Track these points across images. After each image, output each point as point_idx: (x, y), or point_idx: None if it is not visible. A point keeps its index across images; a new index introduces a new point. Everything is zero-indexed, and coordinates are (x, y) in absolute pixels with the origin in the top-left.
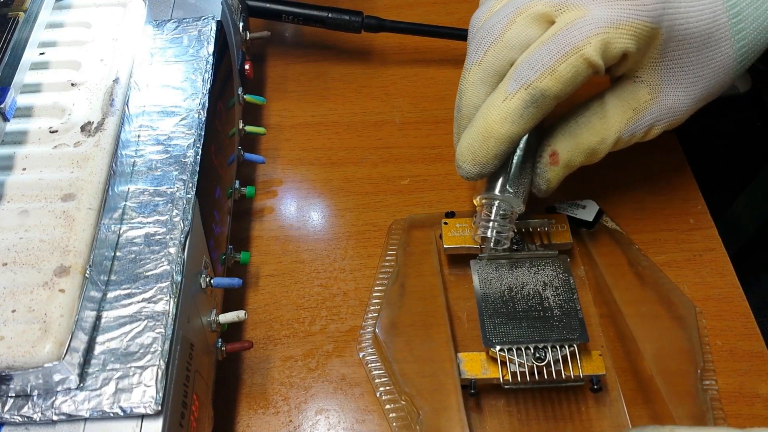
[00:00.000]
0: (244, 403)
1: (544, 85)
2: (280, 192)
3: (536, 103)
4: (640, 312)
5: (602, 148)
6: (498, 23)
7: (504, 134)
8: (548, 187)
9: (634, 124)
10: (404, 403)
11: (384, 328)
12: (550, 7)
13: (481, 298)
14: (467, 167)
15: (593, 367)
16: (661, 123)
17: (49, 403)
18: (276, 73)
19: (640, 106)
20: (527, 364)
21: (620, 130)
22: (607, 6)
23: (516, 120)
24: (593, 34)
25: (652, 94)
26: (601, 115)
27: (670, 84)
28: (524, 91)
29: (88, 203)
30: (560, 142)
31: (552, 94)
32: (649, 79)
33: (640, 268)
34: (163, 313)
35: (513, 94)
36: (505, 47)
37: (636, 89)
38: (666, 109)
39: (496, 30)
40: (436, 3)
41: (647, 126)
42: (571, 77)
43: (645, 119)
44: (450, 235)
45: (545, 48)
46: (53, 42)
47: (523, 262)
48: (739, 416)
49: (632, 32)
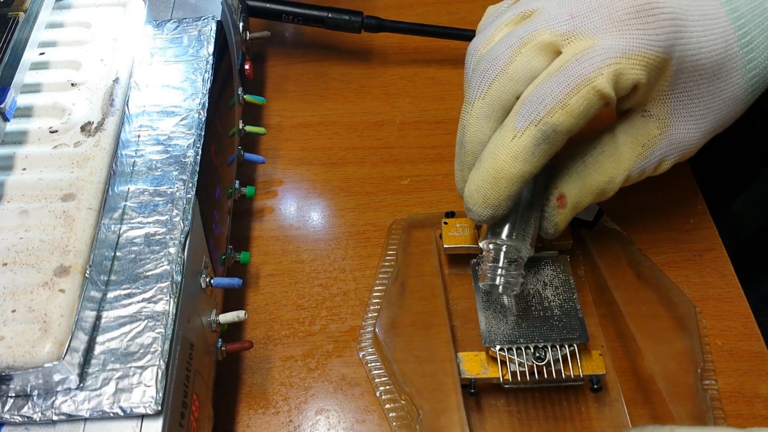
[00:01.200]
0: (244, 403)
1: (556, 120)
2: (280, 192)
3: (548, 139)
4: (641, 312)
5: (611, 188)
6: (501, 54)
7: (516, 174)
8: (556, 230)
9: (644, 160)
10: (404, 402)
11: (384, 328)
12: (557, 37)
13: (481, 298)
14: (479, 210)
15: (593, 367)
16: (671, 157)
17: (49, 403)
18: (276, 73)
19: (650, 141)
20: (527, 363)
21: (630, 168)
22: (618, 35)
23: (528, 159)
24: (605, 65)
25: (661, 128)
26: (609, 154)
27: (680, 117)
28: (534, 127)
29: (88, 203)
30: (567, 184)
31: (564, 129)
32: (658, 113)
33: (640, 268)
34: (163, 313)
35: (522, 131)
36: (510, 80)
37: (645, 124)
38: (676, 143)
39: (500, 61)
40: (436, 3)
41: (657, 161)
42: (584, 111)
43: (654, 155)
44: (450, 234)
45: (554, 80)
46: (53, 42)
47: None
48: (739, 416)
49: (644, 63)
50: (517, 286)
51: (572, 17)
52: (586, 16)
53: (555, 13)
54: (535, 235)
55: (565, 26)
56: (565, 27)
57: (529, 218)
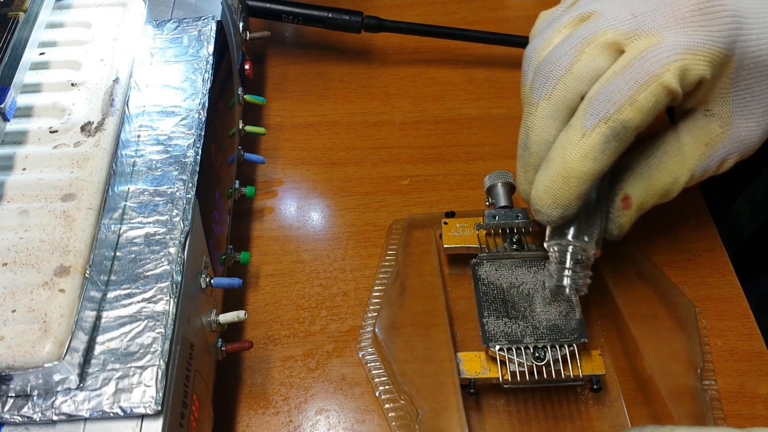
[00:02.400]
0: (244, 403)
1: (625, 117)
2: (280, 192)
3: (618, 136)
4: (640, 312)
5: (675, 188)
6: (565, 55)
7: (586, 173)
8: (621, 232)
9: (707, 159)
10: (403, 402)
11: (384, 328)
12: (621, 36)
13: (481, 298)
14: (548, 211)
15: (593, 367)
16: (733, 156)
17: (49, 403)
18: (276, 73)
19: (712, 140)
20: (527, 363)
21: (693, 168)
22: (682, 32)
23: (597, 156)
24: (671, 61)
25: (723, 127)
26: (673, 154)
27: (742, 115)
28: (604, 125)
29: (88, 203)
30: (632, 185)
31: (633, 126)
32: (720, 111)
33: (640, 269)
34: (163, 313)
35: (592, 129)
36: (575, 80)
37: (708, 123)
38: (738, 141)
39: (564, 62)
40: (436, 3)
41: (720, 160)
42: (652, 107)
43: (717, 153)
44: (450, 234)
45: (622, 78)
46: (53, 42)
47: (523, 262)
48: (739, 416)
49: (708, 58)
50: (584, 287)
51: (634, 16)
52: (648, 15)
53: (616, 13)
54: (600, 235)
55: (628, 25)
56: (628, 26)
57: (594, 219)
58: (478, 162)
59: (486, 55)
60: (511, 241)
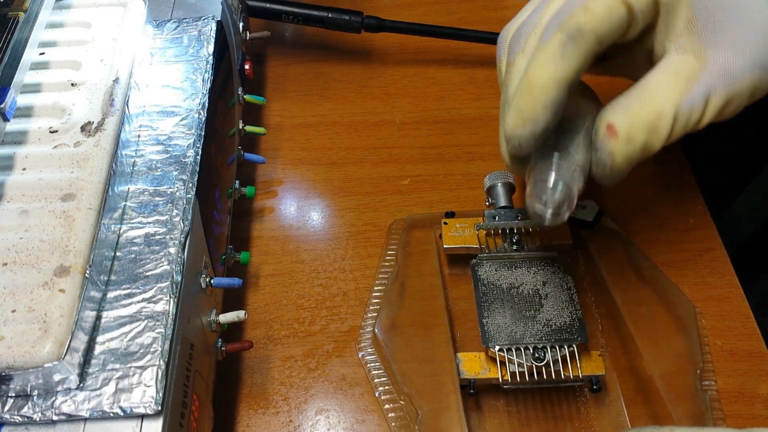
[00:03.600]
0: (244, 403)
1: (579, 20)
2: (280, 192)
3: (574, 40)
4: (640, 312)
5: (662, 125)
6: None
7: (548, 78)
8: (613, 162)
9: (690, 93)
10: (403, 402)
11: (383, 328)
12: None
13: (481, 298)
14: (518, 131)
15: (593, 368)
16: (718, 91)
17: (49, 403)
18: (276, 73)
19: (691, 74)
20: (526, 364)
21: (677, 102)
22: None
23: (557, 60)
24: None
25: (699, 60)
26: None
27: (715, 46)
28: (559, 32)
29: (88, 203)
30: (614, 114)
31: (589, 29)
32: (692, 45)
33: (640, 269)
34: (163, 313)
35: (549, 39)
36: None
37: (683, 58)
38: (718, 74)
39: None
40: (436, 3)
41: (704, 95)
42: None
43: (700, 87)
44: (450, 235)
45: None
46: (53, 42)
47: (523, 263)
48: (739, 416)
49: None
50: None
51: None
52: None
53: None
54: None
55: None
56: None
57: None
58: (478, 162)
59: (486, 55)
60: (511, 241)
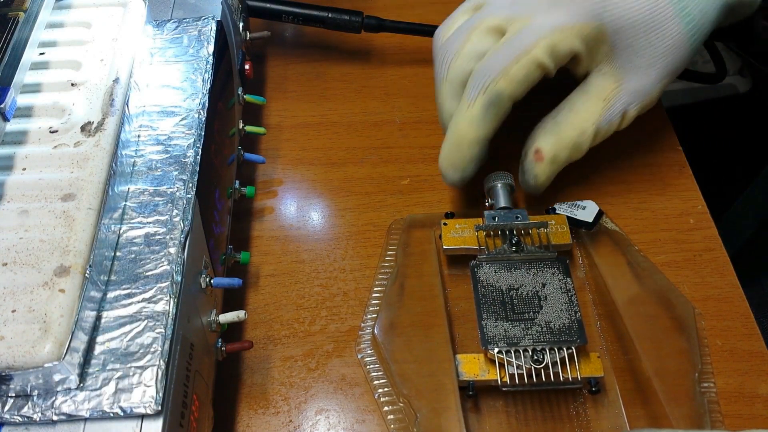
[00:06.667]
0: (244, 403)
1: (499, 87)
2: (280, 192)
3: (494, 104)
4: (639, 313)
5: (584, 140)
6: (456, 40)
7: (473, 138)
8: (536, 182)
9: (608, 112)
10: (402, 404)
11: (383, 329)
12: (502, 20)
13: (480, 300)
14: (450, 174)
15: (591, 369)
16: (633, 106)
17: (49, 403)
18: (276, 73)
19: (609, 95)
20: (525, 366)
21: (597, 120)
22: (550, 14)
23: (480, 123)
24: (540, 38)
25: (617, 82)
26: (576, 110)
27: (630, 70)
28: (483, 95)
29: (88, 203)
30: (542, 139)
31: (507, 95)
32: (611, 70)
33: (639, 270)
34: (163, 313)
35: (474, 99)
36: (465, 60)
37: (602, 81)
38: (633, 92)
39: (455, 46)
40: (436, 3)
41: (620, 112)
42: (524, 78)
43: (617, 106)
44: (449, 236)
45: (497, 54)
46: (53, 42)
47: (522, 264)
48: (739, 416)
49: (576, 33)
50: None
51: (513, 3)
52: (523, 1)
53: (500, 2)
54: None
55: (507, 11)
56: (507, 12)
57: None
58: None
59: None
60: (510, 242)
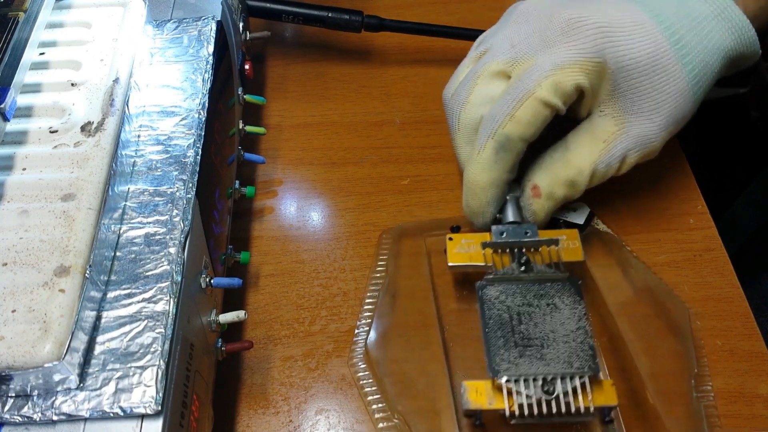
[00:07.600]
0: (244, 403)
1: (507, 130)
2: (280, 192)
3: (504, 147)
4: (632, 316)
5: (580, 180)
6: (463, 89)
7: (486, 182)
8: (535, 218)
9: (607, 155)
10: (397, 421)
11: (375, 342)
12: (504, 64)
13: (486, 324)
14: (472, 219)
15: (605, 398)
16: (633, 153)
17: (49, 403)
18: (276, 73)
19: (609, 137)
20: (535, 397)
21: (594, 162)
22: (552, 52)
23: (492, 167)
24: (543, 77)
25: (618, 125)
26: (574, 150)
27: (633, 113)
28: (492, 140)
29: (88, 203)
30: (539, 176)
31: (516, 137)
32: (612, 111)
33: (632, 272)
34: (163, 313)
35: (484, 144)
36: (473, 107)
37: (603, 122)
38: (634, 137)
39: (462, 96)
40: (436, 3)
41: (620, 156)
42: (531, 118)
43: (617, 149)
44: (455, 251)
45: (503, 99)
46: (53, 42)
47: (532, 285)
48: (739, 416)
49: (579, 69)
50: None
51: (513, 46)
52: (524, 42)
53: (499, 46)
54: None
55: (509, 54)
56: (509, 55)
57: None
58: None
59: None
60: (519, 262)
